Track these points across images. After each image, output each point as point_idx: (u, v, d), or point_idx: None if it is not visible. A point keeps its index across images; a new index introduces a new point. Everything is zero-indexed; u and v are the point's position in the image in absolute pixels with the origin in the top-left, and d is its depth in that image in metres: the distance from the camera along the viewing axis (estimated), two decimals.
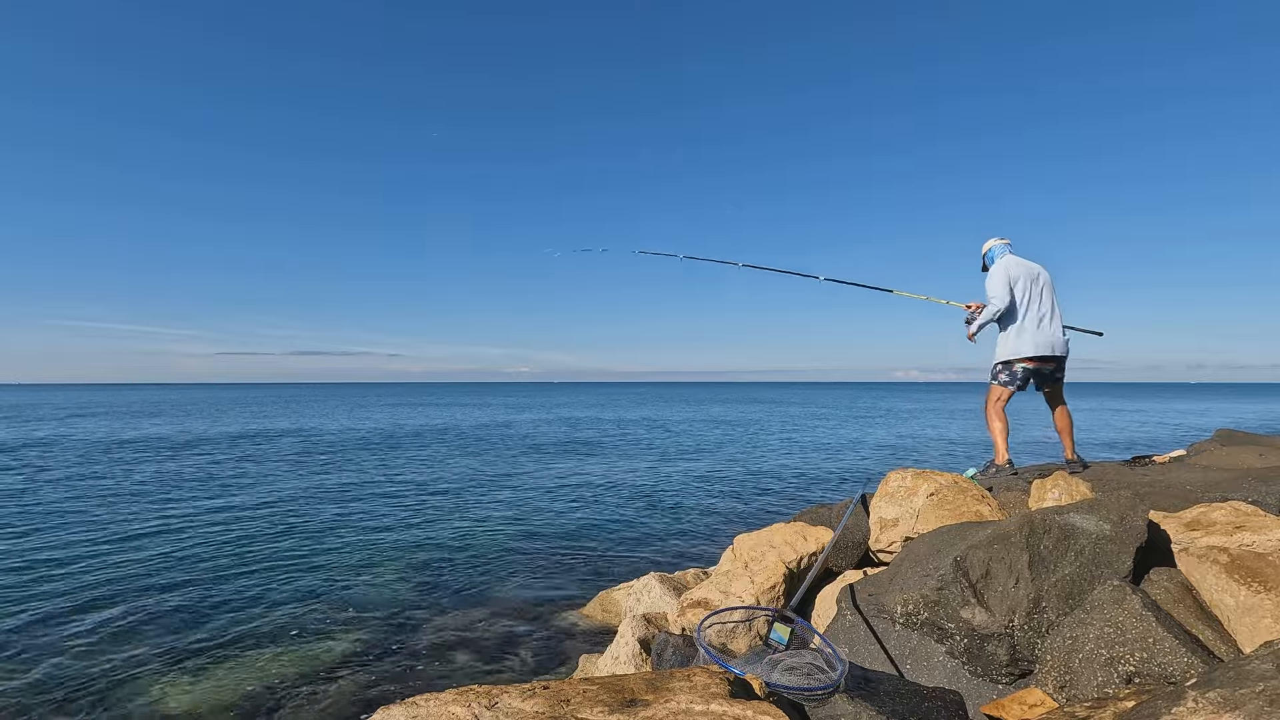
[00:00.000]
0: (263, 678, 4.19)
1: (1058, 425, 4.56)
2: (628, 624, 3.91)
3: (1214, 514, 2.75)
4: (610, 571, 6.47)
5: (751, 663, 2.08)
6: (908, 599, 2.65)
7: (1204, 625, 2.21)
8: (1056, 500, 3.92)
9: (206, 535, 7.98)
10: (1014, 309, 4.25)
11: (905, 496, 3.97)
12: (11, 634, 4.86)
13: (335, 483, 12.27)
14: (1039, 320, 4.22)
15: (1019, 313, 4.25)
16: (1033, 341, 4.20)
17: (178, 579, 6.20)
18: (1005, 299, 4.20)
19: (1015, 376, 4.30)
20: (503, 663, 4.43)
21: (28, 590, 5.87)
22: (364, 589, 5.96)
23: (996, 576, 2.49)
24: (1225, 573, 2.24)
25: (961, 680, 2.40)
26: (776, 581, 3.68)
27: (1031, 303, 4.25)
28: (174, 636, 4.85)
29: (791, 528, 4.24)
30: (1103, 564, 2.43)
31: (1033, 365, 4.26)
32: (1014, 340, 4.27)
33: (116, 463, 15.24)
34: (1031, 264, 4.37)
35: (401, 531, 8.25)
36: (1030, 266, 4.35)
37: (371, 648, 4.66)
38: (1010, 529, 2.61)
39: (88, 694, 3.98)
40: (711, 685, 1.62)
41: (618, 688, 1.61)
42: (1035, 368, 4.27)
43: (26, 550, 7.19)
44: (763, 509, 9.76)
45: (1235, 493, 3.44)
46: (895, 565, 3.12)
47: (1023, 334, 4.23)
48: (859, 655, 2.68)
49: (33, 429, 25.58)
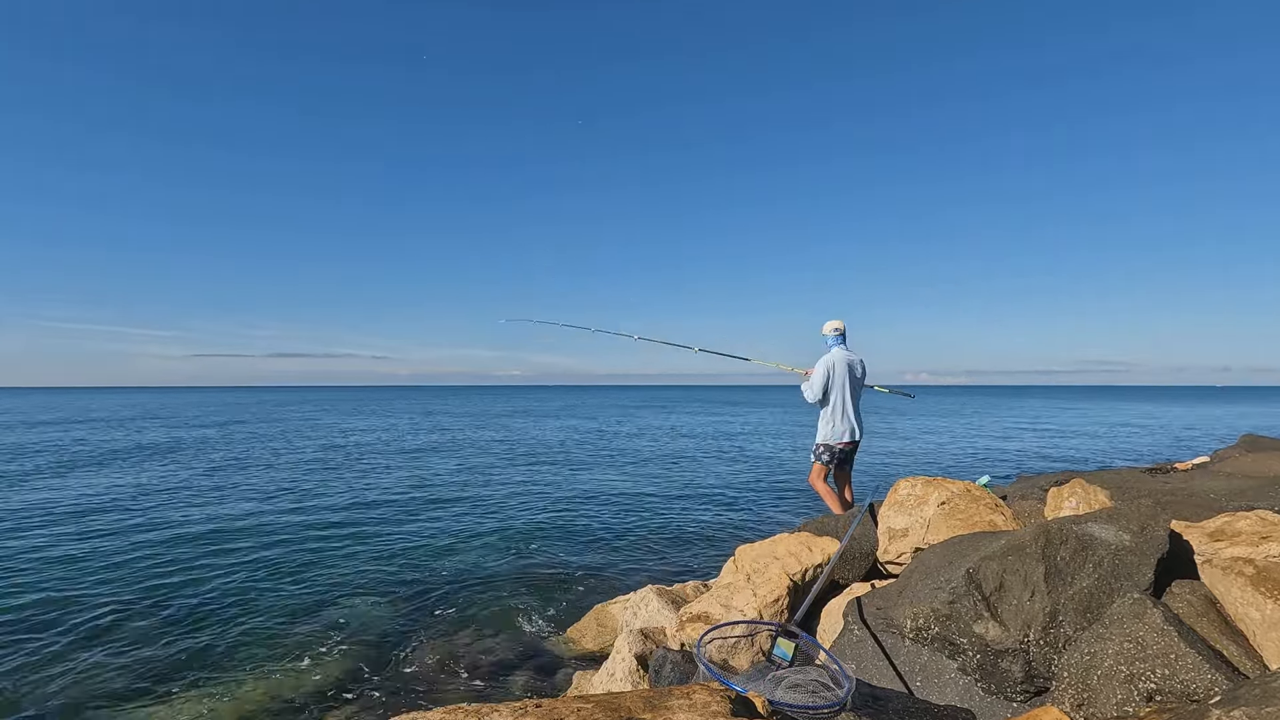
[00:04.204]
0: (246, 699, 4.18)
1: (843, 493, 5.65)
2: (624, 639, 3.90)
3: (1239, 524, 2.76)
4: (606, 584, 6.47)
5: (754, 680, 2.08)
6: (918, 613, 2.66)
7: (1228, 640, 2.22)
8: (1074, 509, 3.94)
9: (181, 553, 7.95)
10: (827, 399, 5.44)
11: (915, 505, 3.98)
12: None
13: (316, 495, 12.24)
14: (845, 412, 5.44)
15: (832, 403, 5.43)
16: (844, 429, 5.44)
17: (153, 598, 6.17)
18: (818, 396, 5.43)
19: (833, 455, 5.50)
20: (494, 680, 4.42)
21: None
22: (349, 605, 5.94)
23: (1011, 589, 2.49)
24: (1251, 585, 2.25)
25: (974, 698, 2.41)
26: (780, 594, 3.68)
27: (843, 394, 5.42)
28: (152, 657, 4.83)
29: (796, 538, 4.24)
30: (1122, 576, 2.44)
31: (840, 448, 5.47)
32: (829, 427, 5.46)
33: (69, 476, 15.18)
34: (851, 355, 5.52)
35: (387, 544, 8.23)
36: (850, 358, 5.49)
37: (358, 666, 4.65)
38: (1025, 539, 2.62)
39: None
40: (712, 703, 1.62)
41: (614, 706, 1.61)
42: (842, 449, 5.48)
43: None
44: (766, 518, 9.76)
45: (1261, 501, 3.45)
46: (905, 577, 3.12)
47: (836, 423, 5.44)
48: (866, 672, 2.68)
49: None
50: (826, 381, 5.41)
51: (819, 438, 5.54)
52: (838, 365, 5.43)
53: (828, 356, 5.49)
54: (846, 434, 5.47)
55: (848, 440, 5.49)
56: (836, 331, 5.61)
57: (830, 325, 5.66)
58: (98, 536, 8.44)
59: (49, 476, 13.99)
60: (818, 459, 5.55)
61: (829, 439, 5.47)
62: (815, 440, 5.58)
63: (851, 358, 5.53)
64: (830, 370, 5.41)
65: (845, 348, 5.57)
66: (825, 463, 5.53)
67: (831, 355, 5.47)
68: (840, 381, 5.42)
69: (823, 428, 5.52)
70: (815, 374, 5.47)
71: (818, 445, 5.54)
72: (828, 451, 5.50)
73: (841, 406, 5.44)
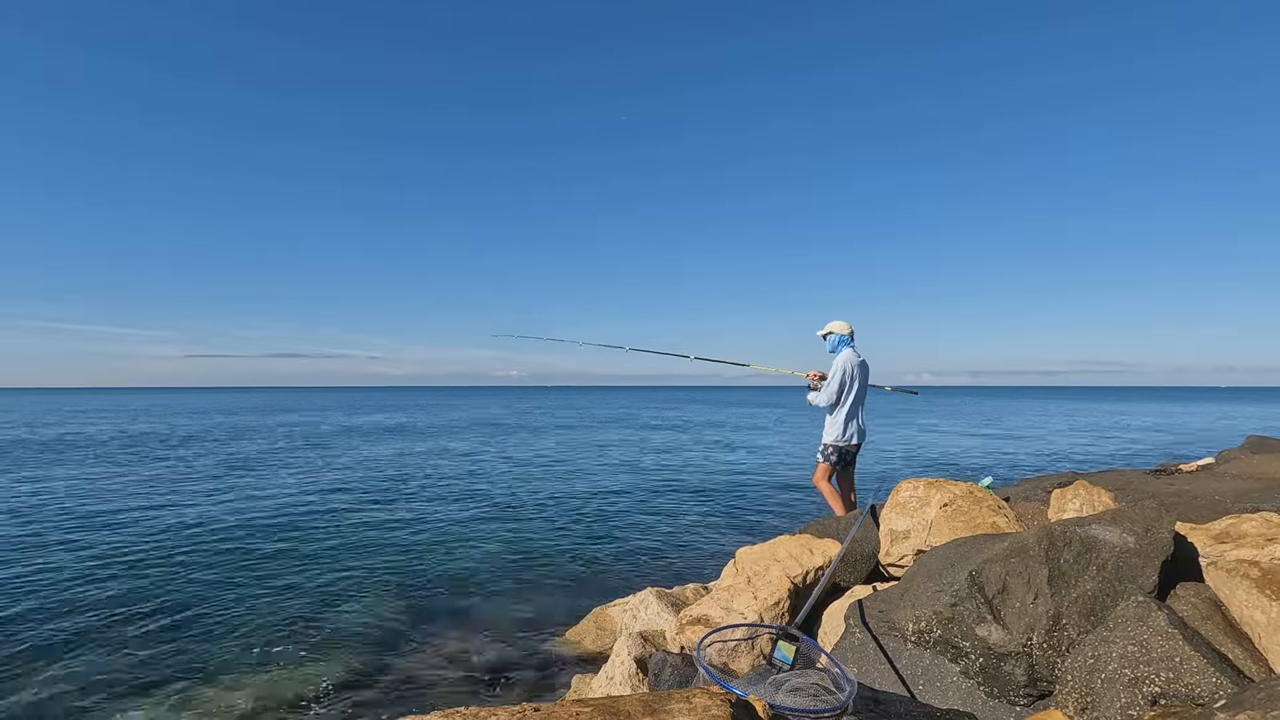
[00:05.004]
0: (242, 700, 4.17)
1: (846, 495, 5.68)
2: (623, 642, 3.90)
3: (1244, 525, 2.76)
4: (605, 587, 6.46)
5: (754, 683, 2.08)
6: (920, 616, 2.66)
7: (1234, 643, 2.22)
8: (1078, 511, 3.94)
9: (177, 554, 7.94)
10: (841, 403, 5.45)
11: (917, 507, 3.98)
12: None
13: (312, 498, 12.22)
14: (855, 413, 5.49)
15: (844, 405, 5.45)
16: (853, 431, 5.50)
17: (149, 601, 6.16)
18: (833, 400, 5.42)
19: (841, 456, 5.54)
20: (492, 683, 4.41)
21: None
22: (346, 609, 5.93)
23: (1014, 592, 2.50)
24: (1256, 588, 2.25)
25: (977, 702, 2.41)
26: (781, 597, 3.68)
27: (854, 397, 5.45)
28: (148, 658, 4.82)
29: (797, 540, 4.25)
30: (1126, 579, 2.44)
31: (848, 449, 5.53)
32: (839, 429, 5.47)
33: (68, 475, 15.16)
34: (859, 357, 5.53)
35: (383, 547, 8.22)
36: (859, 361, 5.51)
37: (354, 670, 4.64)
38: (1029, 542, 2.62)
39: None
40: (712, 707, 1.62)
41: (613, 710, 1.60)
42: (849, 450, 5.56)
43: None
44: (766, 521, 9.75)
45: (1267, 503, 3.46)
46: (906, 580, 3.12)
47: (845, 424, 5.46)
48: (868, 675, 2.68)
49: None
50: (843, 384, 5.39)
51: (827, 439, 5.52)
52: (852, 368, 5.42)
53: (841, 359, 5.44)
54: (855, 436, 5.49)
55: (856, 442, 5.51)
56: (846, 332, 5.59)
57: (838, 325, 5.62)
58: (95, 536, 8.43)
59: (44, 477, 13.98)
60: (825, 460, 5.54)
61: (838, 440, 5.46)
62: (822, 441, 5.56)
63: (861, 359, 5.54)
64: (846, 373, 5.39)
65: (854, 349, 5.56)
66: (832, 464, 5.53)
67: (845, 358, 5.43)
68: (853, 384, 5.43)
69: (832, 429, 5.49)
70: (833, 377, 5.42)
71: (826, 446, 5.52)
72: (836, 453, 5.50)
73: (852, 408, 5.45)
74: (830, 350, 5.67)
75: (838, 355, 5.52)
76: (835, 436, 5.47)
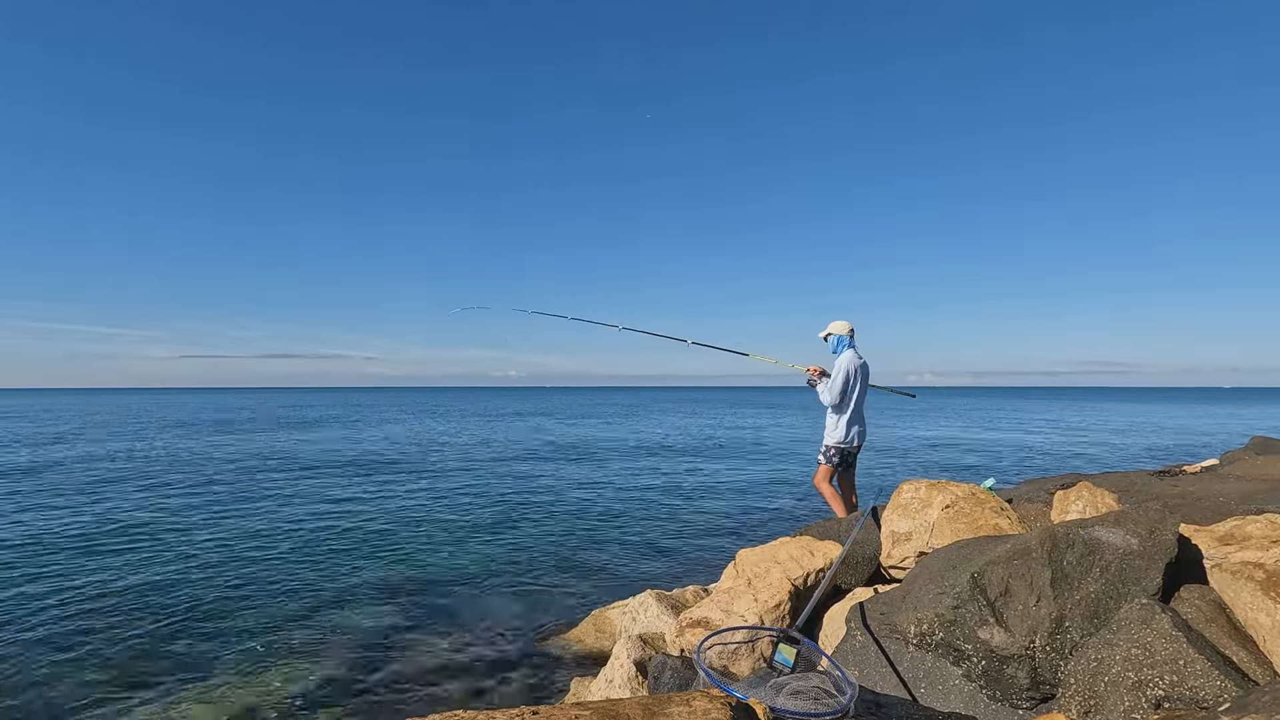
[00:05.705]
0: (240, 701, 4.17)
1: (847, 496, 5.72)
2: (623, 645, 3.90)
3: (1249, 527, 2.76)
4: (604, 589, 6.46)
5: (755, 686, 2.08)
6: (921, 618, 2.66)
7: (1238, 646, 2.22)
8: (1080, 513, 3.94)
9: (175, 554, 7.94)
10: (846, 403, 5.48)
11: (919, 509, 3.98)
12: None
13: (308, 500, 12.22)
14: (858, 415, 5.53)
15: (847, 407, 5.48)
16: (856, 432, 5.54)
17: (143, 604, 6.16)
18: (837, 399, 5.43)
19: (843, 457, 5.57)
20: (490, 687, 4.41)
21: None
22: (345, 610, 5.93)
23: (1016, 594, 2.50)
24: (1261, 590, 2.25)
25: (979, 705, 2.41)
26: (781, 599, 3.68)
27: (856, 399, 5.49)
28: (146, 659, 4.82)
29: (797, 542, 4.25)
30: (1130, 581, 2.44)
31: (850, 450, 5.57)
32: (840, 430, 5.50)
33: (64, 476, 15.15)
34: (861, 359, 5.55)
35: (380, 550, 8.22)
36: (861, 363, 5.54)
37: (354, 669, 4.65)
38: (1031, 543, 2.62)
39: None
40: (712, 710, 1.62)
41: (612, 713, 1.60)
42: (851, 451, 5.59)
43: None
44: (767, 522, 9.75)
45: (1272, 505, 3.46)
46: (908, 582, 3.12)
47: (849, 426, 5.50)
48: (869, 678, 2.68)
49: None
50: (846, 384, 5.43)
51: (830, 440, 5.55)
52: (855, 369, 5.46)
53: (844, 359, 5.48)
54: (857, 437, 5.53)
55: (857, 444, 5.55)
56: (846, 333, 5.62)
57: (840, 325, 5.65)
58: (92, 536, 8.43)
59: (43, 477, 13.97)
60: (827, 461, 5.56)
61: (840, 442, 5.49)
62: (824, 442, 5.59)
63: (862, 360, 5.58)
64: (850, 375, 5.43)
65: (855, 350, 5.59)
66: (834, 465, 5.56)
67: (848, 359, 5.47)
68: (857, 384, 5.48)
69: (834, 430, 5.53)
70: (836, 377, 5.46)
71: (828, 447, 5.55)
72: (838, 454, 5.53)
73: (854, 410, 5.49)
74: (833, 351, 5.68)
75: (840, 356, 5.56)
76: (838, 438, 5.50)
